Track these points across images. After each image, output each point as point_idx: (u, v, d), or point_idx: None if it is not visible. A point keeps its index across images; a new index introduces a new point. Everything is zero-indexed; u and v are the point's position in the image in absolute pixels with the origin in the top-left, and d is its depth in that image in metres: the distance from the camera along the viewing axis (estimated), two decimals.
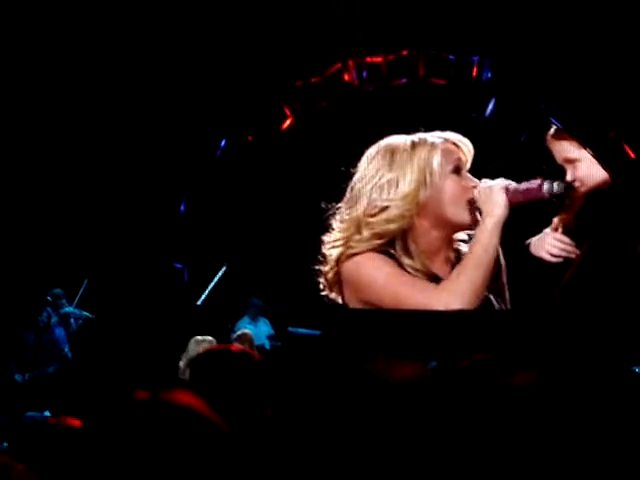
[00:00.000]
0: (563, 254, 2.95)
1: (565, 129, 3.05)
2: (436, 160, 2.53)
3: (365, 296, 2.46)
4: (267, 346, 8.75)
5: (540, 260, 2.97)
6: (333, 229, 2.57)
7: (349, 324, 2.42)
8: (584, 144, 3.03)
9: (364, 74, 7.11)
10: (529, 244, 3.04)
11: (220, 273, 7.73)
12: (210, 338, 5.86)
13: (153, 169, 7.53)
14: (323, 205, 2.58)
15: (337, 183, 2.57)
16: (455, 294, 2.35)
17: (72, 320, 8.50)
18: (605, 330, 2.79)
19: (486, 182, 2.54)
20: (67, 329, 8.47)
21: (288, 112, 7.28)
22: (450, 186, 2.55)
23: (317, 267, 2.58)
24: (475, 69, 6.87)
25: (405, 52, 6.96)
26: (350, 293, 2.50)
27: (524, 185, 2.58)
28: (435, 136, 2.61)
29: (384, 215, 2.49)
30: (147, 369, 5.63)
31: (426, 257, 2.51)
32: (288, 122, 7.28)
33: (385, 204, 2.50)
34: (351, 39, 7.04)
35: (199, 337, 5.82)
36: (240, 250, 8.12)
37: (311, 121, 7.27)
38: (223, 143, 7.43)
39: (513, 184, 2.57)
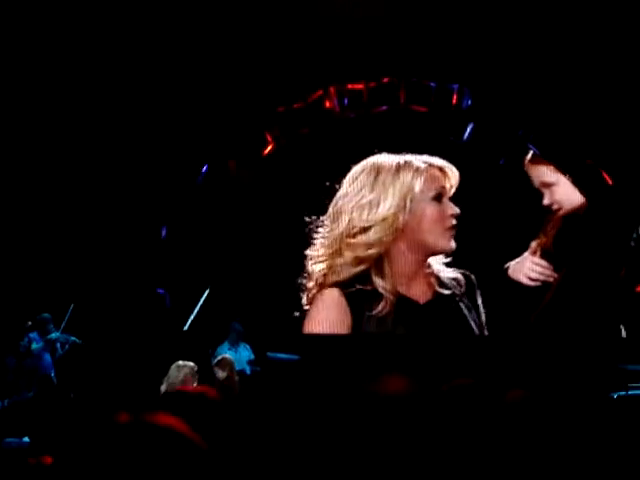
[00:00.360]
0: (542, 278, 2.97)
1: (543, 156, 3.08)
2: (418, 185, 2.54)
3: (305, 328, 2.48)
4: (248, 371, 8.74)
5: (519, 284, 2.99)
6: (316, 244, 2.58)
7: (328, 349, 2.44)
8: (562, 171, 3.07)
9: (345, 101, 7.15)
10: (508, 268, 3.06)
11: (203, 297, 7.73)
12: (191, 364, 5.86)
13: (135, 195, 7.54)
14: (306, 218, 2.59)
15: (320, 199, 2.59)
16: None
17: (58, 345, 8.46)
18: (583, 352, 2.81)
19: None
20: (53, 354, 8.43)
21: (270, 138, 7.31)
22: (429, 212, 2.56)
23: (301, 282, 2.59)
24: (455, 96, 6.92)
25: (386, 79, 7.01)
26: (305, 321, 2.52)
27: None
28: (421, 160, 2.62)
29: (364, 237, 2.50)
30: (129, 393, 5.62)
31: (401, 280, 2.52)
32: (269, 148, 7.31)
33: (365, 225, 2.51)
34: (333, 66, 7.09)
35: (180, 362, 5.83)
36: (221, 274, 8.12)
37: (292, 146, 7.30)
38: (205, 169, 7.45)
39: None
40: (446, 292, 2.58)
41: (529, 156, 3.16)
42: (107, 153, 7.57)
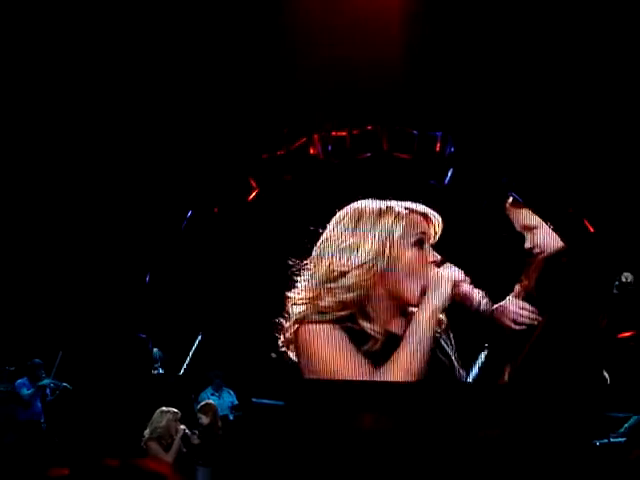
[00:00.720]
0: (527, 322, 2.98)
1: (526, 203, 3.11)
2: (398, 231, 2.53)
3: (309, 365, 2.46)
4: (230, 417, 8.71)
5: (502, 327, 3.00)
6: (297, 287, 2.57)
7: (311, 395, 2.44)
8: (544, 219, 3.09)
9: (329, 148, 7.20)
10: (492, 311, 3.06)
11: (197, 342, 7.73)
12: (174, 410, 5.85)
13: (119, 240, 7.54)
14: (290, 262, 2.59)
15: (304, 244, 2.60)
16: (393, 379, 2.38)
17: (48, 391, 8.39)
18: (566, 399, 2.83)
19: (445, 268, 2.55)
20: (43, 400, 8.36)
21: (254, 184, 7.34)
22: (408, 259, 2.55)
23: (279, 321, 2.58)
24: (438, 144, 6.98)
25: (370, 127, 7.06)
26: (301, 358, 2.51)
27: (470, 290, 2.60)
28: (404, 206, 2.61)
29: (343, 281, 2.50)
30: (113, 438, 5.60)
31: (384, 320, 2.52)
32: (254, 194, 7.34)
33: (343, 269, 2.51)
34: (316, 113, 7.14)
35: (164, 408, 5.82)
36: (206, 320, 8.11)
37: (277, 192, 7.33)
38: (189, 214, 7.47)
39: (466, 281, 2.57)
40: None
41: (510, 200, 3.17)
42: (92, 196, 7.58)
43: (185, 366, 7.50)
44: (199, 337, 7.75)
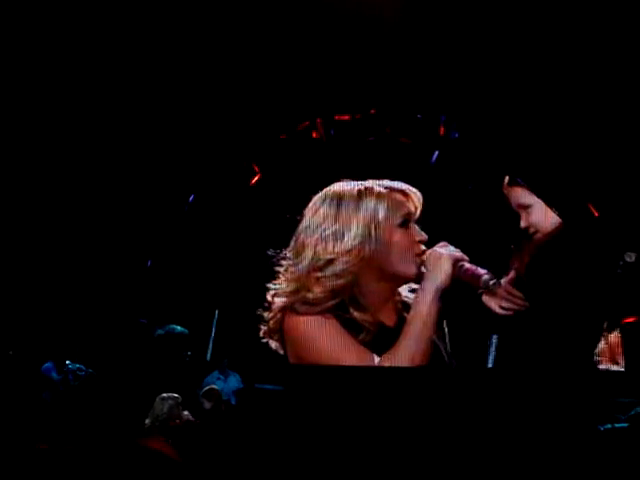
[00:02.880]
0: (513, 307, 2.94)
1: (532, 189, 3.07)
2: (382, 213, 2.47)
3: (305, 357, 2.41)
4: (233, 401, 8.70)
5: (490, 311, 2.96)
6: (279, 277, 2.51)
7: (307, 382, 2.41)
8: (548, 204, 3.05)
9: (332, 131, 7.17)
10: (482, 293, 3.02)
11: (215, 321, 7.72)
12: (175, 395, 5.83)
13: (120, 226, 7.53)
14: (270, 252, 2.53)
15: (282, 231, 2.53)
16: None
17: (71, 376, 8.34)
18: (564, 385, 2.80)
19: (442, 246, 2.50)
20: (66, 385, 8.29)
21: (257, 169, 7.32)
22: (397, 240, 2.50)
23: (260, 313, 2.53)
24: (442, 128, 6.95)
25: (373, 110, 7.03)
26: (291, 350, 2.45)
27: (471, 268, 2.56)
28: (383, 185, 2.55)
29: (331, 269, 2.44)
30: (115, 422, 5.59)
31: (374, 308, 2.48)
32: (257, 178, 7.32)
33: (330, 257, 2.45)
34: (320, 97, 7.11)
35: (165, 394, 5.80)
36: (212, 303, 8.10)
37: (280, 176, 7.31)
38: (191, 198, 7.45)
39: (464, 259, 2.53)
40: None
41: (507, 178, 3.13)
42: (94, 181, 7.56)
43: (210, 348, 7.47)
44: (216, 316, 7.72)
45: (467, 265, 2.50)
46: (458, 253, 2.51)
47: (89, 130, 7.46)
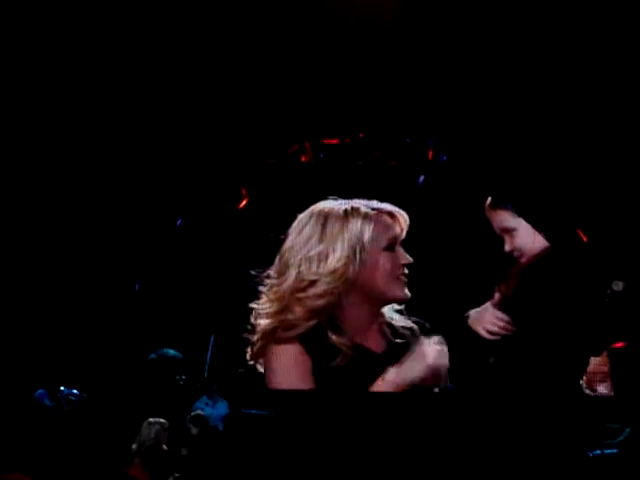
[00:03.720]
0: (501, 332, 2.91)
1: (519, 213, 3.04)
2: (368, 235, 2.43)
3: (271, 384, 2.39)
4: (220, 428, 8.64)
5: (477, 335, 2.93)
6: (262, 298, 2.48)
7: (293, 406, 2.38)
8: (537, 229, 3.02)
9: (321, 155, 7.17)
10: (468, 317, 2.99)
11: (211, 344, 7.69)
12: (162, 420, 5.79)
13: (109, 248, 7.51)
14: (252, 272, 2.49)
15: (266, 250, 2.50)
16: None
17: (64, 402, 8.24)
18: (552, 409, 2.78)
19: (437, 342, 2.43)
20: (59, 411, 8.20)
21: (244, 192, 7.32)
22: (382, 263, 2.46)
23: (245, 336, 2.49)
24: (431, 152, 6.96)
25: (361, 134, 7.04)
26: (266, 377, 2.44)
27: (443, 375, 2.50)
28: (369, 206, 2.52)
29: (313, 290, 2.41)
30: (102, 448, 5.55)
31: (357, 332, 2.44)
32: (244, 202, 7.31)
33: (313, 278, 2.42)
34: (309, 121, 7.12)
35: (151, 419, 5.76)
36: (202, 326, 8.08)
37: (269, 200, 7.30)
38: (179, 222, 7.44)
39: (443, 376, 2.47)
40: (399, 341, 2.51)
41: (489, 201, 3.08)
42: (87, 203, 7.55)
43: (206, 370, 7.44)
44: (212, 339, 7.69)
45: (436, 376, 2.43)
46: (443, 364, 2.43)
47: (79, 151, 7.45)
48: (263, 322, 2.44)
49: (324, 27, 6.76)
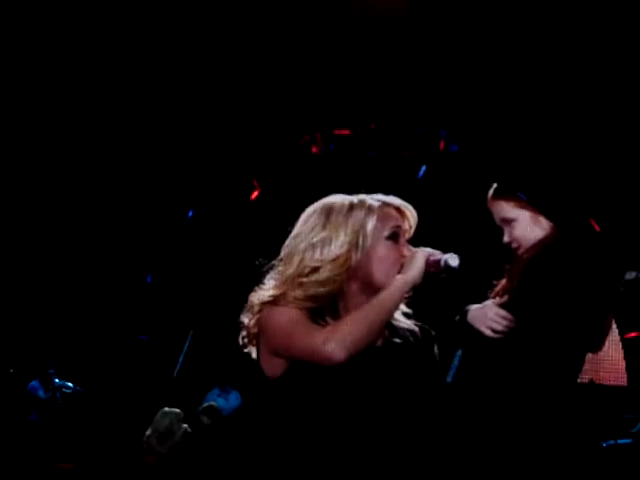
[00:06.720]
0: (505, 330, 2.88)
1: (531, 203, 3.03)
2: (370, 224, 2.47)
3: (270, 342, 2.41)
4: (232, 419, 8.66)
5: (477, 331, 2.91)
6: (265, 284, 2.51)
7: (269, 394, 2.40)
8: (550, 219, 3.01)
9: (332, 146, 7.17)
10: (467, 311, 2.96)
11: (187, 341, 7.68)
12: (177, 410, 5.81)
13: (120, 241, 7.53)
14: (258, 262, 2.52)
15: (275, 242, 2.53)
16: (337, 343, 2.33)
17: (58, 394, 8.21)
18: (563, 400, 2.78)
19: (421, 249, 2.50)
20: (53, 403, 8.17)
21: (256, 184, 7.32)
22: (382, 252, 2.48)
23: (240, 319, 2.51)
24: (442, 142, 6.95)
25: (372, 125, 7.04)
26: (262, 342, 2.45)
27: (435, 256, 2.53)
28: (375, 199, 2.55)
29: (315, 276, 2.44)
30: (115, 437, 5.58)
31: None
32: (256, 193, 7.32)
33: (316, 264, 2.45)
34: (320, 112, 7.12)
35: (166, 408, 5.78)
36: (206, 319, 8.09)
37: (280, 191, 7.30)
38: (190, 214, 7.45)
39: (434, 254, 2.51)
40: (397, 340, 2.52)
41: (490, 192, 3.08)
42: (95, 196, 7.56)
43: (178, 368, 7.43)
44: (189, 336, 7.68)
45: (433, 257, 2.48)
46: (430, 250, 2.49)
47: (88, 144, 7.46)
48: (258, 298, 2.47)
49: (335, 19, 6.76)
